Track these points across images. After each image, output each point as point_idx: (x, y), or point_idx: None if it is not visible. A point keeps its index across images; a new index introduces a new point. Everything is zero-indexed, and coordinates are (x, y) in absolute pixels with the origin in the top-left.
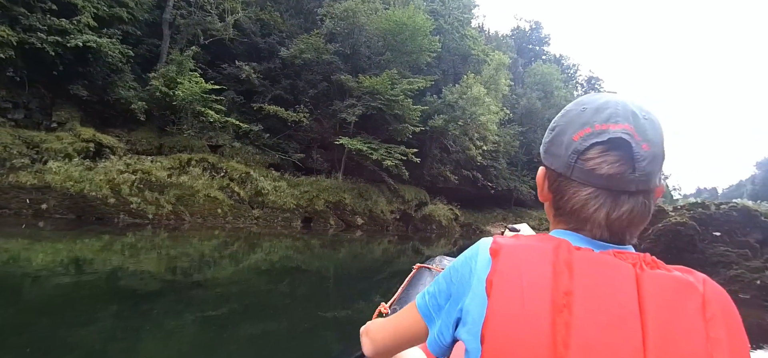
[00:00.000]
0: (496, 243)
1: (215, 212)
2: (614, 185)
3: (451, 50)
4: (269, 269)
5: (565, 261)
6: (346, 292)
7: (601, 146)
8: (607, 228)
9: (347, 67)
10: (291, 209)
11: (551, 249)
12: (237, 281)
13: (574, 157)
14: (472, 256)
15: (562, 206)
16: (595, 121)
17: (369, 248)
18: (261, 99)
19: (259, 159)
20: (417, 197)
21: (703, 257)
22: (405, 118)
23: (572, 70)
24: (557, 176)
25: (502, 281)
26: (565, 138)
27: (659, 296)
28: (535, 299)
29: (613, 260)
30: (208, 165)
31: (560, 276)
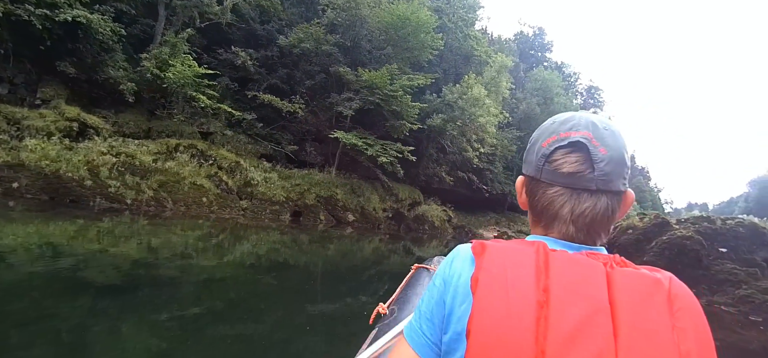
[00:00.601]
0: (480, 243)
1: (200, 200)
2: (575, 182)
3: (454, 50)
4: (255, 262)
5: (543, 260)
6: (334, 290)
7: (563, 149)
8: (572, 224)
9: (346, 59)
10: (280, 202)
11: (532, 250)
12: (221, 274)
13: (542, 161)
14: (448, 261)
15: (534, 205)
16: (560, 130)
17: (359, 245)
18: (256, 87)
19: (250, 149)
20: (411, 196)
21: (709, 274)
22: (403, 115)
23: (573, 79)
24: (531, 181)
25: (488, 279)
26: (536, 146)
27: (628, 291)
28: (520, 295)
29: (586, 259)
30: (197, 152)
31: (540, 274)
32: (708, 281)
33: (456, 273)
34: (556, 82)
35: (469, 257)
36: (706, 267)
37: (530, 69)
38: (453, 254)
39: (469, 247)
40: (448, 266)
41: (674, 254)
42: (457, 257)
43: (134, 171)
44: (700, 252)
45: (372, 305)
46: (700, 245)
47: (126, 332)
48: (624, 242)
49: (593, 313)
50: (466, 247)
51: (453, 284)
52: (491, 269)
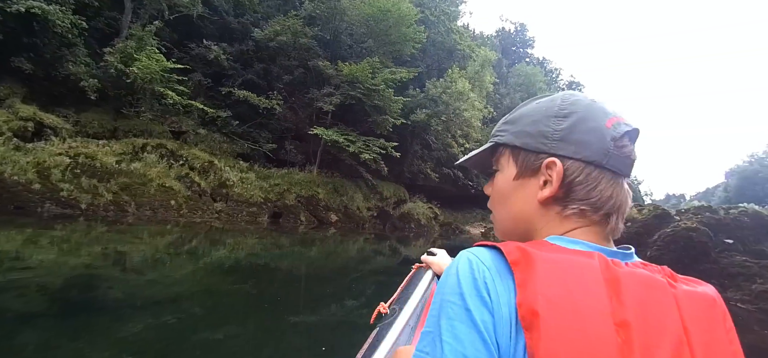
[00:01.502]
0: (517, 249)
1: (168, 203)
2: (629, 171)
3: (437, 44)
4: (234, 267)
5: (612, 282)
6: (319, 293)
7: (628, 135)
8: (623, 216)
9: (326, 53)
10: (258, 203)
11: (595, 265)
12: (197, 281)
13: (612, 144)
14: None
15: (591, 196)
16: (611, 112)
17: (343, 246)
18: (231, 83)
19: (226, 148)
20: (396, 194)
21: (718, 268)
22: (385, 110)
23: (554, 74)
24: (585, 166)
25: (552, 309)
26: (593, 124)
27: (697, 317)
28: (599, 335)
29: (651, 276)
30: (167, 152)
31: (613, 302)
32: (718, 276)
33: (496, 291)
34: (539, 77)
35: (501, 267)
36: (715, 260)
37: (512, 65)
38: (470, 261)
39: (496, 253)
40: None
41: (680, 247)
42: (481, 266)
43: (94, 173)
44: (708, 244)
45: (359, 308)
46: (708, 237)
47: (91, 352)
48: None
49: (676, 351)
50: (488, 253)
51: (498, 313)
52: (551, 292)
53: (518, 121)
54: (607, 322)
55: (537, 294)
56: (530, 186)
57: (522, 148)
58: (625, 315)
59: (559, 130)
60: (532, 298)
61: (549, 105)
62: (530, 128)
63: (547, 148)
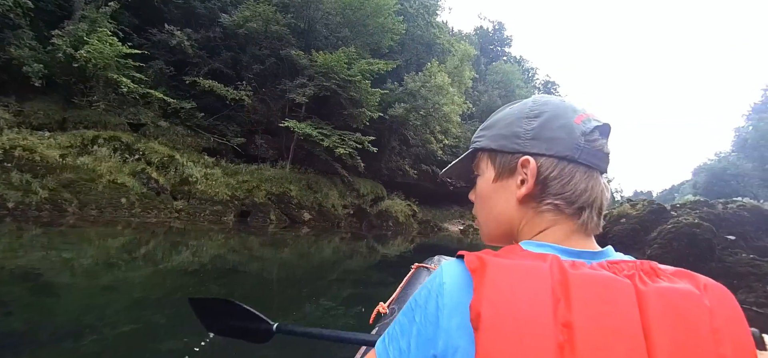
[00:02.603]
0: (477, 258)
1: (117, 201)
2: (604, 166)
3: (416, 38)
4: (199, 271)
5: (560, 284)
6: (292, 296)
7: (598, 130)
8: (598, 213)
9: (300, 43)
10: (224, 201)
11: (546, 269)
12: (158, 286)
13: (582, 139)
14: (435, 285)
15: (564, 191)
16: (581, 109)
17: (318, 246)
18: (195, 72)
19: (190, 142)
20: (373, 191)
21: (724, 267)
22: (362, 103)
23: (531, 73)
24: (558, 161)
25: (495, 311)
26: (563, 121)
27: (666, 318)
28: (538, 337)
29: (610, 277)
30: (121, 145)
31: (558, 304)
32: (726, 275)
33: (445, 311)
34: (517, 75)
35: (464, 277)
36: (720, 258)
37: (490, 63)
38: (437, 278)
39: (461, 264)
40: (436, 293)
41: (684, 245)
42: (442, 285)
43: (31, 168)
44: (712, 241)
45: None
46: (712, 234)
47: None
48: (619, 233)
49: (630, 351)
50: (455, 264)
51: (443, 325)
52: (497, 297)
53: (494, 126)
54: (548, 323)
55: (483, 298)
56: (509, 186)
57: (498, 151)
58: (570, 316)
59: (530, 129)
60: (479, 301)
61: (521, 107)
62: (505, 131)
63: (521, 147)
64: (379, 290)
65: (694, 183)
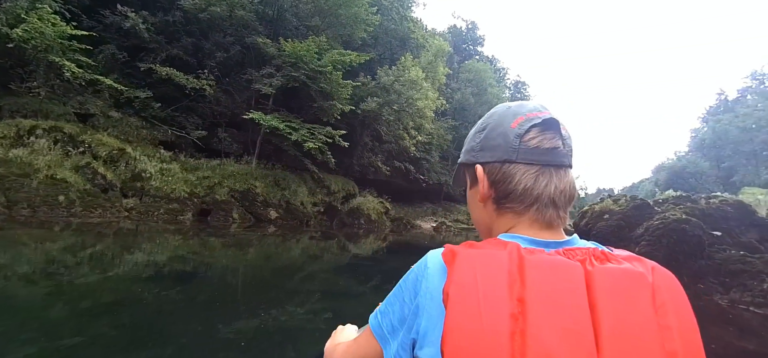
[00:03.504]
0: (450, 250)
1: (54, 199)
2: (554, 159)
3: (389, 32)
4: (155, 275)
5: (517, 265)
6: (258, 299)
7: (537, 127)
8: (552, 204)
9: (267, 31)
10: (181, 199)
11: (506, 255)
12: (109, 292)
13: (517, 141)
14: (420, 271)
15: (508, 191)
16: (524, 112)
17: (286, 246)
18: (152, 58)
19: (145, 134)
20: (345, 188)
21: (714, 264)
22: (333, 95)
23: (502, 73)
24: (501, 165)
25: (459, 291)
26: (501, 129)
27: (610, 293)
28: (493, 309)
29: (563, 260)
30: (63, 137)
31: (513, 282)
32: (717, 273)
33: (427, 292)
34: (489, 74)
35: (441, 265)
36: (709, 256)
37: (463, 61)
38: (421, 263)
39: (439, 254)
40: (422, 277)
41: (673, 241)
42: (426, 268)
43: None
44: (702, 238)
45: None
46: (701, 230)
47: None
48: (602, 229)
49: (573, 323)
50: (436, 254)
51: (424, 304)
52: (462, 279)
53: (465, 144)
54: (504, 298)
55: (452, 281)
56: (476, 193)
57: (466, 164)
58: (523, 293)
59: (478, 142)
60: (448, 284)
61: (478, 124)
62: (467, 146)
63: (475, 159)
64: (351, 293)
65: (656, 181)
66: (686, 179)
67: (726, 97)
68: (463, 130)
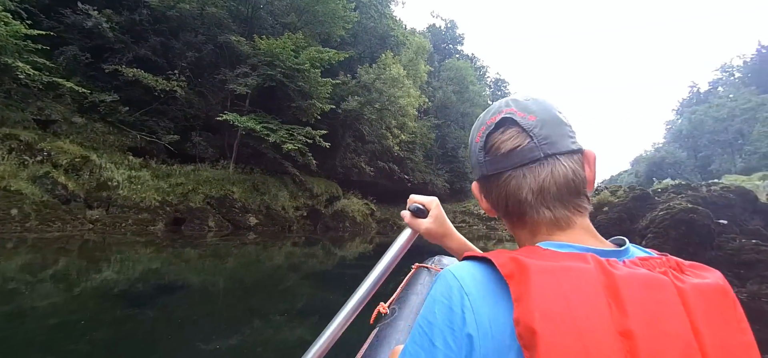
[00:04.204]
0: (513, 261)
1: (6, 214)
2: (519, 158)
3: (368, 30)
4: (127, 290)
5: (607, 286)
6: (240, 313)
7: (495, 133)
8: (541, 205)
9: (241, 29)
10: (152, 208)
11: (592, 271)
12: (76, 311)
13: (482, 155)
14: (457, 301)
15: (500, 206)
16: (486, 119)
17: (268, 253)
18: (117, 59)
19: (112, 141)
20: (328, 190)
21: (726, 255)
22: (312, 94)
23: (482, 71)
24: (485, 183)
25: (552, 326)
26: (472, 147)
27: (708, 315)
28: (602, 350)
29: (652, 276)
30: (19, 145)
31: (613, 310)
32: (729, 264)
33: (481, 316)
34: (470, 71)
35: (491, 283)
36: (719, 246)
37: (443, 60)
38: (454, 282)
39: (478, 267)
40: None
41: (681, 232)
42: (469, 286)
43: None
44: (711, 227)
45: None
46: (709, 219)
47: None
48: (603, 223)
49: (686, 355)
50: (471, 269)
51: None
52: (550, 309)
53: None
54: (610, 333)
55: (533, 310)
56: None
57: None
58: (628, 324)
59: (470, 159)
60: (528, 315)
61: None
62: None
63: (473, 176)
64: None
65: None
66: (665, 169)
67: (698, 90)
68: (445, 129)
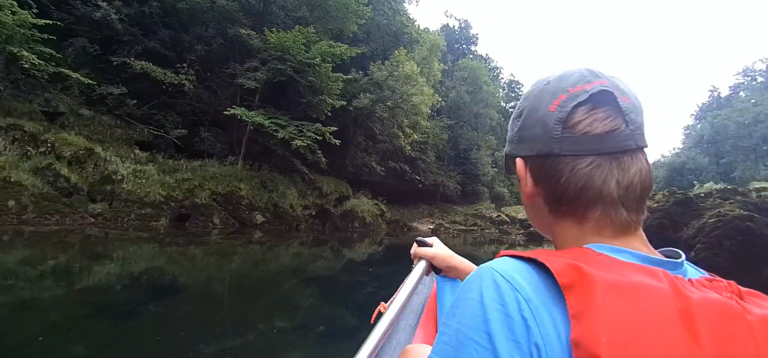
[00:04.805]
0: (573, 269)
1: (5, 206)
2: (613, 144)
3: (381, 27)
4: (130, 286)
5: (682, 313)
6: (244, 314)
7: (584, 106)
8: (621, 203)
9: (252, 23)
10: (156, 203)
11: (666, 292)
12: (78, 306)
13: (559, 127)
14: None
15: (560, 191)
16: (565, 86)
17: (274, 253)
18: (126, 52)
19: (119, 134)
20: (337, 189)
21: None
22: (322, 90)
23: (496, 72)
24: (543, 160)
25: (619, 355)
26: (538, 114)
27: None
28: None
29: (727, 304)
30: (23, 136)
31: (689, 342)
32: None
33: (544, 331)
34: (484, 71)
35: (545, 289)
36: None
37: (457, 61)
38: (504, 283)
39: (531, 270)
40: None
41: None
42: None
43: None
44: None
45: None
46: None
47: None
48: None
49: None
50: (527, 271)
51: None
52: (617, 335)
53: (507, 133)
54: None
55: (599, 334)
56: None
57: (508, 156)
58: (700, 355)
59: (516, 131)
60: (593, 338)
61: (515, 108)
62: (507, 136)
63: (515, 151)
64: (347, 304)
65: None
66: (685, 176)
67: (718, 94)
68: (458, 129)
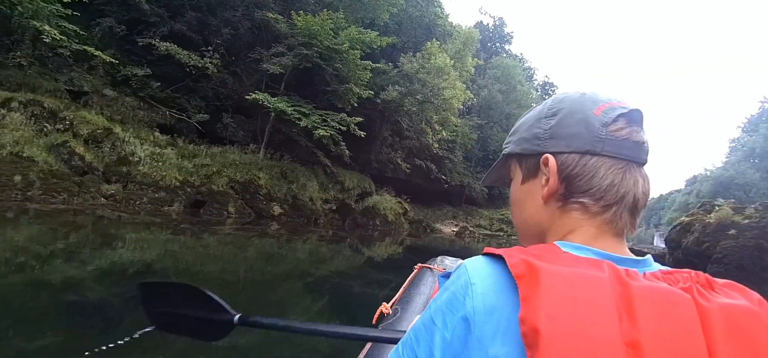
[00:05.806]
0: (524, 262)
1: (10, 181)
2: (641, 155)
3: (414, 19)
4: (143, 271)
5: (622, 296)
6: (257, 308)
7: (624, 118)
8: (629, 208)
9: (279, 7)
10: (171, 187)
11: (606, 279)
12: (91, 288)
13: (603, 130)
14: (461, 290)
15: (590, 186)
16: (605, 99)
17: (291, 246)
18: (152, 33)
19: (141, 116)
20: (360, 185)
21: None
22: (350, 78)
23: (530, 72)
24: (580, 157)
25: (555, 327)
26: (580, 116)
27: (730, 339)
28: (604, 355)
29: (672, 291)
30: (42, 112)
31: (624, 322)
32: None
33: (481, 307)
34: (518, 71)
35: (499, 280)
36: None
37: (490, 58)
38: (464, 274)
39: (491, 264)
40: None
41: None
42: (475, 278)
43: None
44: None
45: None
46: None
47: None
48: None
49: None
50: (483, 264)
51: (476, 324)
52: (556, 312)
53: (518, 131)
54: (616, 343)
55: (540, 311)
56: (534, 188)
57: (523, 154)
58: (637, 335)
59: (548, 128)
60: (534, 315)
61: (541, 109)
62: (526, 134)
63: (541, 147)
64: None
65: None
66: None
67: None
68: (488, 130)
